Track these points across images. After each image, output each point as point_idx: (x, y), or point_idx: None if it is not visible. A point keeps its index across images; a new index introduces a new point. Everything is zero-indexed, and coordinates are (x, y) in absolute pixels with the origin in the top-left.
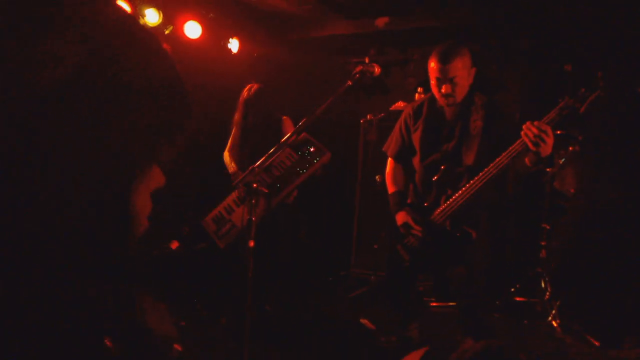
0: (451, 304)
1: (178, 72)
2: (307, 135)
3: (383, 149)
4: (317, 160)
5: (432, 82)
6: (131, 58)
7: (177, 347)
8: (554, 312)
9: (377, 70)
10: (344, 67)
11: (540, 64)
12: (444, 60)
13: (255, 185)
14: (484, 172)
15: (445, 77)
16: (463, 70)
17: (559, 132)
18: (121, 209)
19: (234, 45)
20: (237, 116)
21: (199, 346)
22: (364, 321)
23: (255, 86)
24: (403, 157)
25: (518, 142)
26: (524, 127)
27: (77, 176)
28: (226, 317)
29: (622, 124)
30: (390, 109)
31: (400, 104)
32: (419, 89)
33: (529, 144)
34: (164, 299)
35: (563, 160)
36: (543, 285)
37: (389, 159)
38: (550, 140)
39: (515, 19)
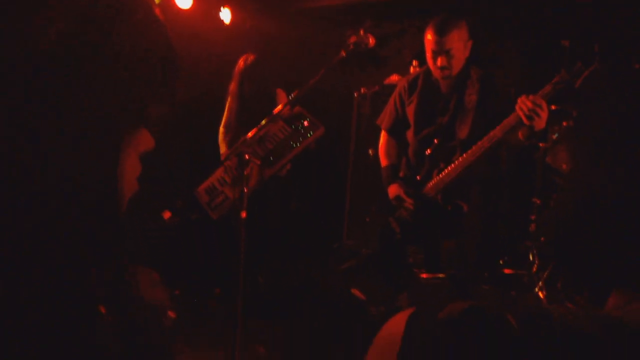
0: (441, 275)
1: (169, 36)
2: (301, 109)
3: (377, 122)
4: (310, 135)
5: (428, 54)
6: (121, 24)
7: (171, 314)
8: (540, 283)
9: (371, 41)
10: (339, 39)
11: (538, 39)
12: (440, 32)
13: (247, 156)
14: (477, 146)
15: (441, 50)
16: (459, 42)
17: (553, 107)
18: (110, 171)
19: (225, 15)
20: (232, 86)
21: (193, 314)
22: (354, 291)
23: (252, 57)
24: (397, 130)
25: (512, 115)
26: (518, 100)
27: (62, 140)
28: (220, 287)
29: (618, 99)
30: (385, 82)
31: (394, 78)
32: (414, 62)
33: (523, 118)
34: (157, 269)
35: (556, 135)
36: (531, 258)
37: (383, 132)
38: (544, 115)
39: None
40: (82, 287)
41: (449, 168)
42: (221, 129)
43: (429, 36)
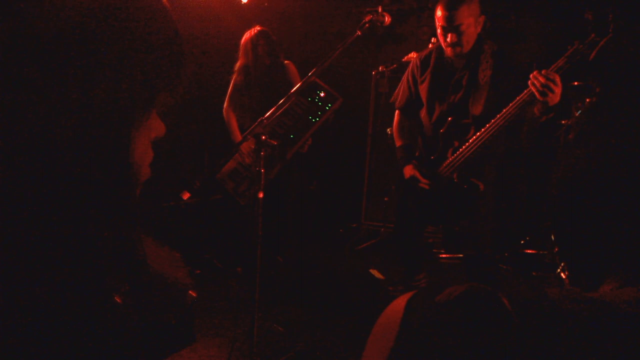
0: (460, 255)
1: (175, 24)
2: (316, 79)
3: (390, 101)
4: (329, 107)
5: (438, 30)
6: (131, 14)
7: (192, 293)
8: (562, 264)
9: (387, 19)
10: (356, 17)
11: (560, 12)
12: (450, 7)
13: (264, 137)
14: (491, 124)
15: (451, 26)
16: (469, 18)
17: (576, 83)
18: (121, 157)
19: None
20: (238, 63)
21: (214, 294)
22: (373, 271)
23: (258, 28)
24: (411, 109)
25: (525, 91)
26: (530, 76)
27: (73, 124)
28: (242, 266)
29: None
30: (403, 60)
31: (412, 55)
32: (433, 40)
33: (536, 93)
34: (178, 249)
35: (579, 112)
36: (553, 238)
37: (396, 111)
38: (558, 89)
39: None
40: (95, 277)
41: (464, 147)
42: (225, 109)
43: (439, 12)
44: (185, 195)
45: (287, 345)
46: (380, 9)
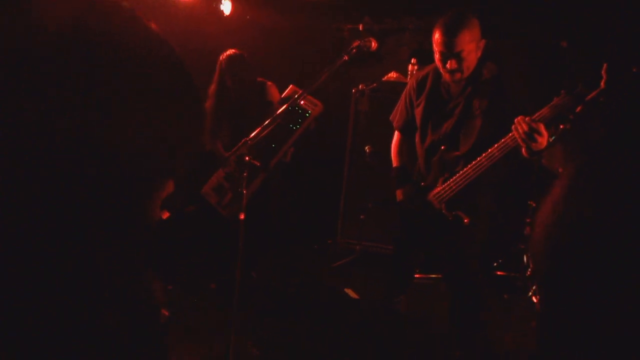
0: (433, 275)
1: (191, 78)
2: (295, 88)
3: (390, 118)
4: (309, 114)
5: (437, 55)
6: (148, 68)
7: (164, 312)
8: (534, 287)
9: (374, 44)
10: (337, 33)
11: (536, 39)
12: (450, 33)
13: (247, 158)
14: (476, 162)
15: (451, 52)
16: (470, 43)
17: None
18: (139, 225)
19: (226, 7)
20: (212, 88)
21: (187, 311)
22: (348, 290)
23: (228, 52)
24: (409, 129)
25: (509, 136)
26: (515, 121)
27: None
28: (216, 282)
29: (619, 109)
30: (383, 79)
31: (393, 74)
32: (413, 60)
33: (518, 139)
34: (152, 264)
35: (553, 138)
36: (525, 261)
37: (396, 131)
38: (542, 139)
39: None
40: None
41: (451, 180)
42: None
43: (437, 36)
44: (165, 215)
45: None
46: (361, 27)
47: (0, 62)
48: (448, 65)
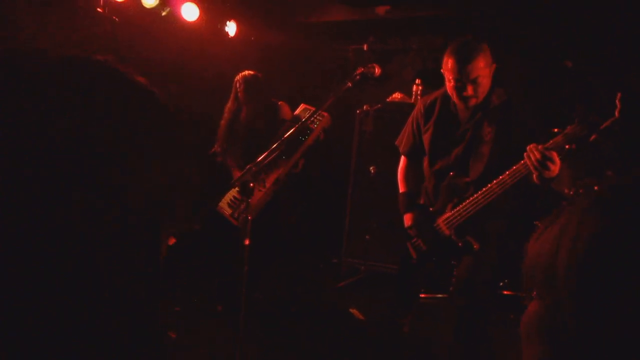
0: (439, 295)
1: (175, 119)
2: (306, 106)
3: (396, 143)
4: (317, 125)
5: (450, 83)
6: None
7: (171, 334)
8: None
9: (377, 71)
10: (341, 54)
11: (540, 59)
12: (465, 60)
13: (251, 185)
14: (487, 188)
15: (468, 78)
16: (485, 69)
17: (555, 130)
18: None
19: (231, 28)
20: (228, 106)
21: (193, 333)
22: (353, 311)
23: (244, 73)
24: (415, 154)
25: (521, 164)
26: (527, 149)
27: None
28: (222, 304)
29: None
30: (387, 100)
31: (397, 95)
32: (417, 80)
33: (530, 167)
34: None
35: (560, 158)
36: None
37: (402, 156)
38: (555, 167)
39: (515, 11)
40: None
41: (461, 205)
42: (218, 150)
43: (452, 64)
44: (171, 241)
45: None
46: (366, 47)
47: None
48: (465, 93)
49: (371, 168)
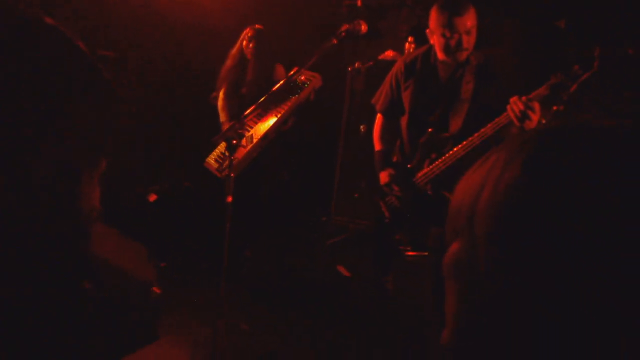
0: (425, 253)
1: (92, 61)
2: (296, 68)
3: (372, 102)
4: (307, 85)
5: (441, 38)
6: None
7: (156, 289)
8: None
9: (363, 27)
10: (335, 9)
11: (532, 18)
12: (460, 12)
13: (234, 141)
14: (467, 141)
15: (464, 29)
16: (475, 20)
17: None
18: (72, 206)
19: None
20: (233, 51)
21: (179, 289)
22: (340, 268)
23: (259, 27)
24: (392, 113)
25: (503, 115)
26: (510, 101)
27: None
28: (208, 261)
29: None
30: (379, 57)
31: (389, 53)
32: (410, 38)
33: (514, 120)
34: (145, 242)
35: (545, 120)
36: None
37: (378, 114)
38: (535, 116)
39: None
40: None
41: (440, 160)
42: (221, 95)
43: (445, 17)
44: (152, 198)
45: (252, 345)
46: (359, 3)
47: None
48: (459, 46)
49: (362, 127)
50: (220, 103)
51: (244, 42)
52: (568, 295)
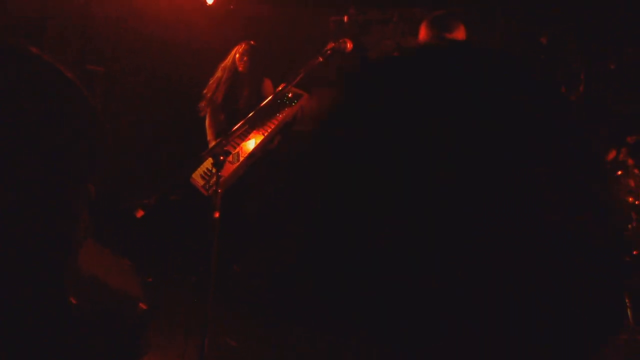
0: None
1: (83, 94)
2: (283, 85)
3: None
4: (295, 103)
5: None
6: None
7: (142, 305)
8: None
9: (349, 46)
10: (322, 24)
11: (516, 35)
12: (449, 27)
13: (222, 157)
14: None
15: None
16: (465, 36)
17: None
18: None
19: None
20: (224, 63)
21: (166, 304)
22: None
23: (253, 42)
24: None
25: None
26: None
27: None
28: (196, 275)
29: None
30: None
31: None
32: (395, 54)
33: None
34: (131, 257)
35: None
36: None
37: None
38: None
39: None
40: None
41: None
42: (208, 115)
43: (434, 32)
44: (139, 214)
45: None
46: (346, 19)
47: None
48: None
49: None
50: (207, 122)
51: (237, 56)
52: None
